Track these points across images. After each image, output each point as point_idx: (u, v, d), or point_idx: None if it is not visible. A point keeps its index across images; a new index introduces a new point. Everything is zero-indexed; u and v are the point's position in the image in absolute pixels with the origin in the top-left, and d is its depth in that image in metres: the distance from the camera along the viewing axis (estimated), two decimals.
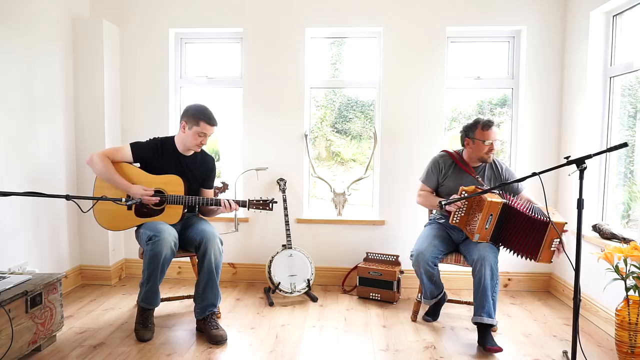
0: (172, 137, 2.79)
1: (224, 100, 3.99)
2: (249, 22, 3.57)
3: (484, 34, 3.59)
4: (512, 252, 2.55)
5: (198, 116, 2.64)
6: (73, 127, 3.45)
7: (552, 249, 2.43)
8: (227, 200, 2.66)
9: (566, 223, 2.42)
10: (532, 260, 2.48)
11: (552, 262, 2.49)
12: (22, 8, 2.90)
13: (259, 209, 2.71)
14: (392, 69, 3.52)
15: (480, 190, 2.44)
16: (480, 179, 2.76)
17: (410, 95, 3.52)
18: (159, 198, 2.62)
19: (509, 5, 3.44)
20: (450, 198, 2.59)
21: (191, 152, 2.79)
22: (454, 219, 2.59)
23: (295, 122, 3.60)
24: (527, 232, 2.46)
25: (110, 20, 3.54)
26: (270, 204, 2.71)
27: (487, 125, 2.68)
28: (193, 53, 3.80)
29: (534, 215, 2.44)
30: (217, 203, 2.66)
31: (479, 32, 3.57)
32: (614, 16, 3.01)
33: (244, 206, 2.69)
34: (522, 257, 2.52)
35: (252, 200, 2.71)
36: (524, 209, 2.47)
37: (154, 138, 2.79)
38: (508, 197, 2.56)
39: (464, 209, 2.56)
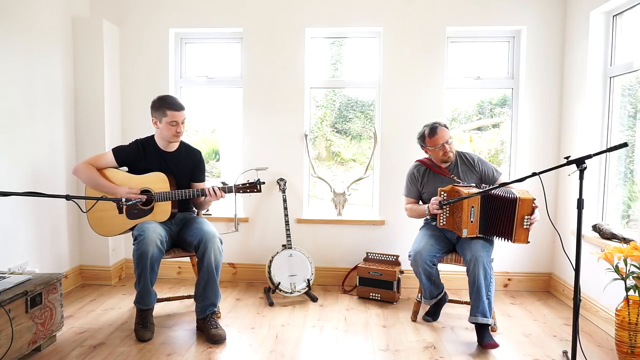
0: (153, 136, 2.79)
1: (224, 100, 3.99)
2: (249, 22, 3.57)
3: (484, 34, 3.59)
4: (495, 236, 2.58)
5: (162, 106, 2.65)
6: (73, 127, 3.45)
7: (524, 226, 2.45)
8: (212, 187, 2.63)
9: (534, 199, 2.44)
10: (509, 240, 2.50)
11: (528, 242, 2.49)
12: (22, 8, 2.90)
13: (247, 192, 2.65)
14: (392, 69, 3.52)
15: (466, 195, 2.47)
16: (455, 177, 2.81)
17: (410, 95, 3.52)
18: (145, 196, 2.59)
19: (509, 5, 3.44)
20: (431, 203, 2.65)
21: (174, 148, 2.78)
22: (441, 221, 2.64)
23: (295, 122, 3.60)
24: (499, 211, 2.50)
25: (110, 20, 3.54)
26: (258, 185, 2.65)
27: (431, 132, 2.76)
28: (193, 53, 3.80)
29: (503, 194, 2.49)
30: (202, 193, 2.64)
31: (479, 32, 3.57)
32: (614, 16, 3.01)
33: (231, 192, 2.66)
34: (501, 238, 2.55)
35: (239, 185, 2.65)
36: (499, 193, 2.51)
37: (136, 140, 2.80)
38: (485, 186, 2.61)
39: (447, 209, 2.59)
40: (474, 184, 2.69)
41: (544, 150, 3.48)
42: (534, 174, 2.07)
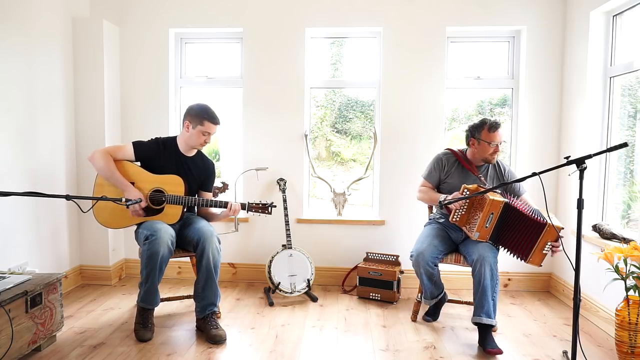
0: (174, 138, 2.81)
1: (224, 100, 3.99)
2: (249, 22, 3.57)
3: (484, 34, 3.59)
4: (505, 250, 2.55)
5: (202, 115, 2.67)
6: (73, 127, 3.45)
7: (544, 252, 2.41)
8: (233, 204, 2.65)
9: (562, 228, 2.40)
10: (522, 260, 2.46)
11: (541, 265, 2.46)
12: (22, 8, 2.90)
13: (258, 212, 2.71)
14: (392, 68, 3.52)
15: (482, 190, 2.44)
16: (483, 178, 2.77)
17: (410, 95, 3.52)
18: (145, 203, 2.62)
19: (509, 5, 3.44)
20: (452, 196, 2.60)
21: (193, 153, 2.81)
22: (455, 217, 2.57)
23: (295, 122, 3.60)
24: (524, 232, 2.45)
25: (110, 20, 3.54)
26: (270, 208, 2.71)
27: (494, 127, 2.68)
28: (193, 53, 3.80)
29: (534, 216, 2.43)
30: (224, 205, 2.65)
31: (479, 32, 3.57)
32: (614, 16, 3.01)
33: (244, 209, 2.70)
34: (513, 255, 2.51)
35: (252, 204, 2.71)
36: (525, 210, 2.47)
37: (156, 138, 2.81)
38: (510, 197, 2.56)
39: (465, 207, 2.56)
40: (499, 191, 2.59)
41: (544, 150, 3.48)
42: (534, 174, 2.07)
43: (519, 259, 2.48)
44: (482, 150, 2.73)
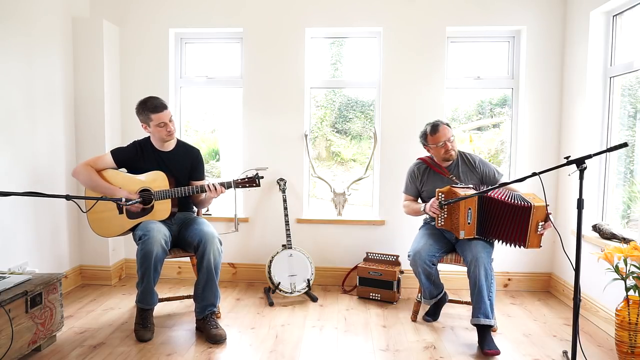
0: (149, 137, 2.81)
1: (224, 100, 3.99)
2: (249, 22, 3.57)
3: (484, 34, 3.59)
4: (501, 242, 2.55)
5: (145, 111, 2.66)
6: (73, 127, 3.45)
7: (538, 232, 2.41)
8: (212, 183, 2.63)
9: (548, 205, 2.39)
10: (522, 246, 2.45)
11: (541, 246, 2.45)
12: (23, 8, 2.90)
13: (246, 186, 2.68)
14: (392, 69, 3.52)
15: (474, 193, 2.45)
16: (454, 178, 2.81)
17: (410, 95, 3.52)
18: (141, 199, 2.61)
19: (509, 5, 3.44)
20: (429, 204, 2.63)
21: (171, 147, 2.80)
22: (439, 222, 2.62)
23: (295, 122, 3.60)
24: (511, 219, 2.45)
25: (110, 20, 3.54)
26: (257, 180, 2.67)
27: (433, 129, 2.76)
28: (193, 53, 3.80)
29: (514, 201, 2.44)
30: (202, 189, 2.64)
31: (479, 32, 3.57)
32: (614, 16, 3.01)
33: (230, 187, 2.66)
34: (512, 245, 2.50)
35: (238, 180, 2.68)
36: (502, 197, 2.47)
37: (134, 141, 2.82)
38: (485, 188, 2.58)
39: (446, 210, 2.58)
40: (472, 186, 2.69)
41: (544, 150, 3.48)
42: (534, 174, 2.07)
43: (518, 246, 2.48)
44: (437, 153, 2.80)
